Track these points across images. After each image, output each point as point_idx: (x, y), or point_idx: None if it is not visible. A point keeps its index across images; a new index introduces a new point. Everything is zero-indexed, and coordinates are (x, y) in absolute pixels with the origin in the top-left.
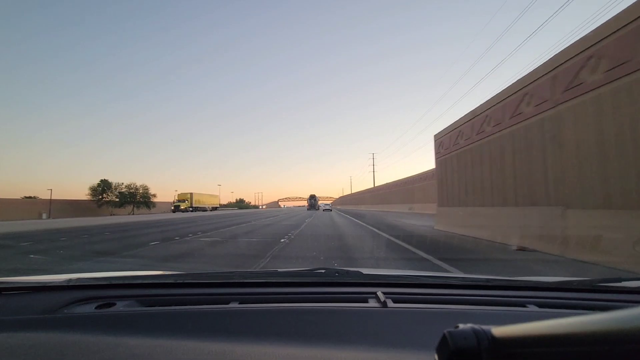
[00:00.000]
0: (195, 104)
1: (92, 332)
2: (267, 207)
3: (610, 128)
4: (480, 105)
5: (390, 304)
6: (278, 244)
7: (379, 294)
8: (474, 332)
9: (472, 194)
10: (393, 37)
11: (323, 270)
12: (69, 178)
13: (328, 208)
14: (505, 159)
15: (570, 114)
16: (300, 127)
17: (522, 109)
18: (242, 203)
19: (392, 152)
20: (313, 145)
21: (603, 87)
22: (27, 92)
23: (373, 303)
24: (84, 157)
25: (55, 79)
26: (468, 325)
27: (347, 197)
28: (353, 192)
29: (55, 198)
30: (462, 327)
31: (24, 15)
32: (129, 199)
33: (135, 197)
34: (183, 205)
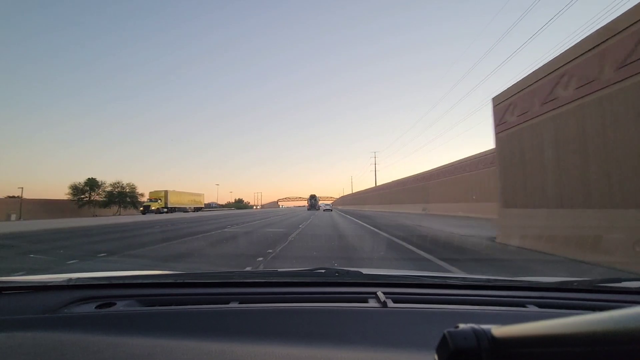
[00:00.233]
0: (195, 104)
1: (92, 331)
2: (261, 207)
3: None
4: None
5: (391, 304)
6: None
7: (379, 294)
8: (474, 332)
9: (610, 185)
10: (393, 36)
11: (323, 270)
12: (69, 179)
13: (328, 208)
14: None
15: None
16: (301, 127)
17: None
18: (240, 203)
19: (393, 151)
20: (313, 145)
21: None
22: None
23: (373, 303)
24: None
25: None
26: (468, 326)
27: (347, 197)
28: (354, 191)
29: (34, 198)
30: (462, 327)
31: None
32: (117, 199)
33: (125, 196)
34: (155, 205)
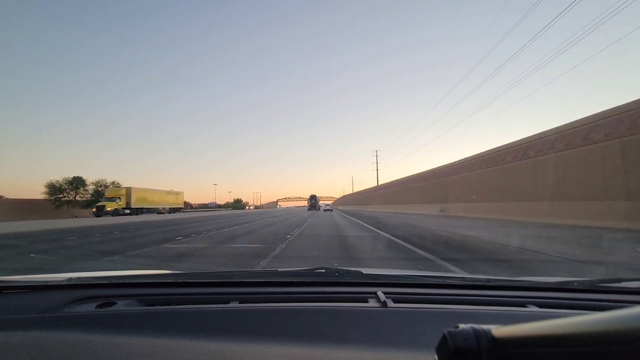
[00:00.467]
0: (195, 104)
1: (92, 331)
2: (256, 207)
3: None
4: None
5: (391, 304)
6: None
7: (379, 294)
8: (474, 332)
9: None
10: (393, 36)
11: (323, 270)
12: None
13: (329, 208)
14: None
15: None
16: (301, 127)
17: None
18: (238, 203)
19: (394, 151)
20: (313, 145)
21: None
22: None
23: (373, 303)
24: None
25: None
26: (468, 326)
27: (348, 197)
28: (355, 191)
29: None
30: (462, 327)
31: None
32: (94, 199)
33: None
34: (111, 206)
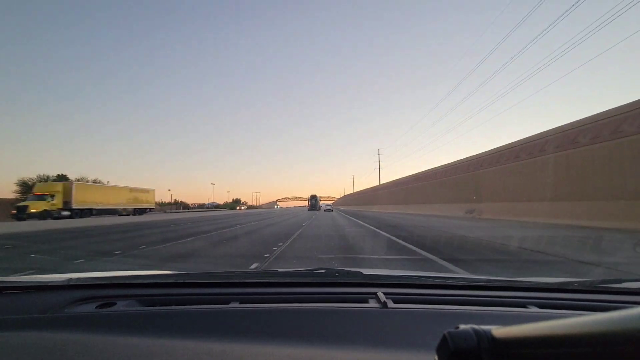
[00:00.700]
0: (195, 104)
1: (92, 331)
2: (249, 207)
3: None
4: None
5: (391, 305)
6: None
7: (380, 295)
8: (475, 332)
9: None
10: (394, 36)
11: (323, 271)
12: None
13: (329, 208)
14: None
15: None
16: (300, 127)
17: None
18: (236, 203)
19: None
20: (314, 145)
21: None
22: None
23: (373, 303)
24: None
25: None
26: (468, 326)
27: (349, 196)
28: (357, 190)
29: None
30: (462, 327)
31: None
32: None
33: None
34: (38, 206)
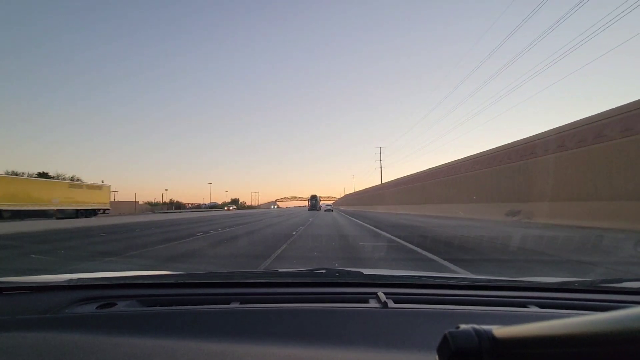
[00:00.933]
0: (195, 104)
1: (93, 332)
2: (235, 208)
3: None
4: None
5: (391, 305)
6: None
7: (380, 295)
8: (475, 332)
9: None
10: (394, 36)
11: (324, 271)
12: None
13: (329, 208)
14: None
15: None
16: (300, 127)
17: None
18: (229, 204)
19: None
20: (314, 145)
21: None
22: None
23: (374, 303)
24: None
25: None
26: (469, 326)
27: (350, 196)
28: (357, 190)
29: None
30: (463, 327)
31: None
32: None
33: None
34: None
